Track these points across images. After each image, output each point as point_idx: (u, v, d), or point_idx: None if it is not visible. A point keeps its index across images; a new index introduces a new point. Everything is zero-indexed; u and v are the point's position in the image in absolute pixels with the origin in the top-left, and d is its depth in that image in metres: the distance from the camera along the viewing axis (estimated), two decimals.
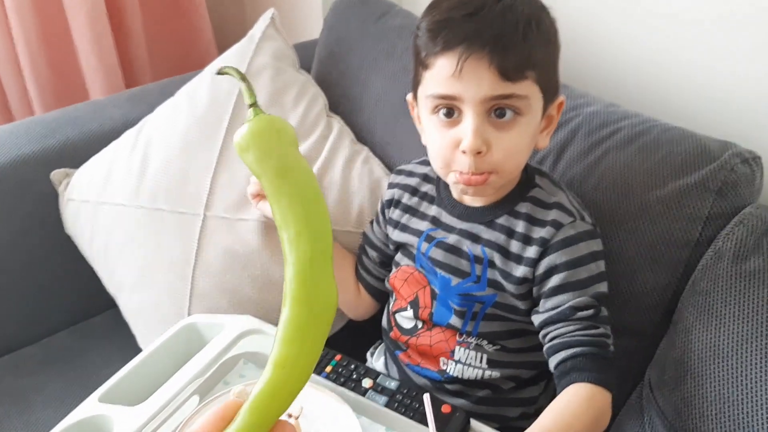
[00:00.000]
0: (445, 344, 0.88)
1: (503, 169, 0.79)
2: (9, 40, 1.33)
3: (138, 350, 1.03)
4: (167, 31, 1.55)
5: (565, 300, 0.79)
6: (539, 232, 0.81)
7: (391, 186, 0.96)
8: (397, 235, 0.92)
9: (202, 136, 1.04)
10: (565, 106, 0.99)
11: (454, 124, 0.77)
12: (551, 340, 0.79)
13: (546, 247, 0.80)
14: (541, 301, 0.81)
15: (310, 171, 0.40)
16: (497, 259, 0.83)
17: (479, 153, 0.76)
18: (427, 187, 0.92)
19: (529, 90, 0.75)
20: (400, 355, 0.93)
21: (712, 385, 0.76)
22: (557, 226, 0.81)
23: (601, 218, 0.90)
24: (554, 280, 0.80)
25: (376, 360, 1.00)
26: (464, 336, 0.87)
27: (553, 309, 0.79)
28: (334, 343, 1.02)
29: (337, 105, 1.18)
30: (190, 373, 0.81)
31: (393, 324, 0.94)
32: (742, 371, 0.74)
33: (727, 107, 1.02)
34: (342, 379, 0.79)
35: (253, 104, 0.41)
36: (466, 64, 0.73)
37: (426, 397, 0.65)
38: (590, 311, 0.78)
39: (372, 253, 0.99)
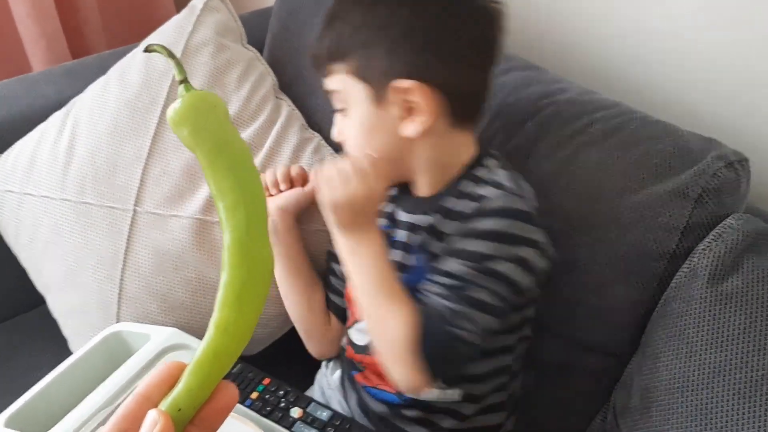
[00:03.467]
0: None
1: (351, 154, 0.78)
2: None
3: (71, 351, 0.96)
4: None
5: (449, 265, 0.71)
6: (463, 206, 0.74)
7: None
8: None
9: (132, 122, 0.94)
10: (536, 94, 0.90)
11: None
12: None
13: (464, 222, 0.73)
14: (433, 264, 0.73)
15: (245, 144, 0.41)
16: (432, 245, 0.76)
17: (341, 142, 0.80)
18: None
19: (339, 83, 0.76)
20: (356, 376, 0.85)
21: (679, 420, 0.68)
22: (480, 198, 0.73)
23: (570, 224, 0.81)
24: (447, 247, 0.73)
25: (333, 372, 0.91)
26: None
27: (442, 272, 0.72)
28: (287, 349, 0.96)
29: (290, 86, 1.07)
30: (104, 396, 0.74)
31: (347, 341, 0.86)
32: (712, 407, 0.66)
33: (715, 97, 0.92)
34: (268, 408, 0.72)
35: (184, 80, 0.41)
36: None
37: None
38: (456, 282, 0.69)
39: (338, 268, 0.89)
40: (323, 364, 0.94)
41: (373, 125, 0.75)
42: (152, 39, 1.02)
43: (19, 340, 1.07)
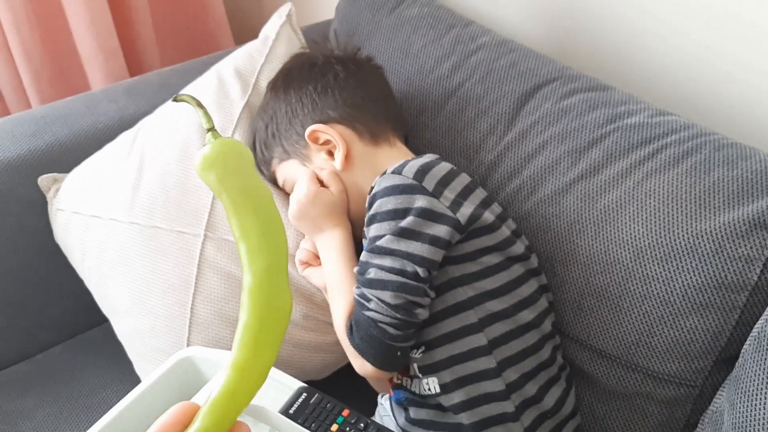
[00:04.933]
0: None
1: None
2: None
3: (136, 372, 0.97)
4: (174, 8, 1.44)
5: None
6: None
7: None
8: None
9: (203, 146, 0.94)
10: (602, 118, 0.89)
11: None
12: None
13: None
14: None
15: (269, 190, 0.43)
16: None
17: None
18: None
19: (281, 174, 0.92)
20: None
21: None
22: (371, 190, 0.80)
23: (641, 255, 0.79)
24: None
25: (382, 396, 0.92)
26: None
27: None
28: (340, 385, 0.95)
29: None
30: None
31: None
32: None
33: None
34: None
35: (211, 128, 0.43)
36: None
37: None
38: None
39: None
40: (379, 395, 0.94)
41: (305, 177, 0.87)
42: (224, 66, 1.02)
43: (84, 358, 1.08)
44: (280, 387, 0.77)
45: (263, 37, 1.03)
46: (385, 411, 0.91)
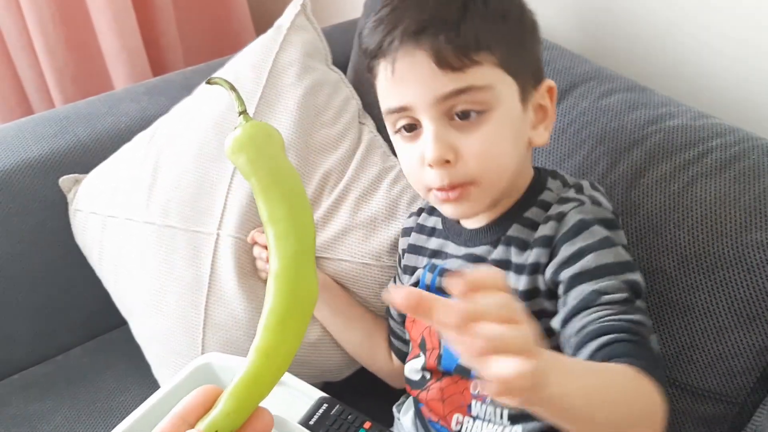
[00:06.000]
0: (460, 397, 0.75)
1: (483, 177, 0.66)
2: (21, 22, 1.22)
3: (154, 375, 0.95)
4: (198, 8, 1.42)
5: (587, 288, 0.62)
6: (540, 232, 0.67)
7: (402, 234, 0.86)
8: (411, 281, 0.81)
9: (218, 144, 0.92)
10: (643, 119, 0.84)
11: (416, 137, 0.67)
12: (573, 335, 0.61)
13: (552, 246, 0.66)
14: (560, 304, 0.65)
15: (297, 175, 0.42)
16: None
17: (447, 162, 0.65)
18: (432, 221, 0.81)
19: (489, 77, 0.64)
20: (422, 409, 0.81)
21: None
22: (559, 217, 0.67)
23: (686, 264, 0.75)
24: (569, 272, 0.64)
25: (404, 414, 0.86)
26: (478, 386, 0.73)
27: (574, 300, 0.62)
28: (355, 394, 0.93)
29: (373, 106, 1.02)
30: None
31: (405, 378, 0.82)
32: None
33: None
34: None
35: (243, 112, 0.43)
36: (398, 63, 0.63)
37: None
38: (622, 295, 0.61)
39: (394, 312, 0.87)
40: (394, 409, 0.90)
41: (518, 131, 0.67)
42: (239, 60, 1.00)
43: (103, 361, 1.06)
44: (300, 396, 0.74)
45: (277, 26, 1.00)
46: (404, 428, 0.87)
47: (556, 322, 0.65)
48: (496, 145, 0.66)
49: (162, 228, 0.91)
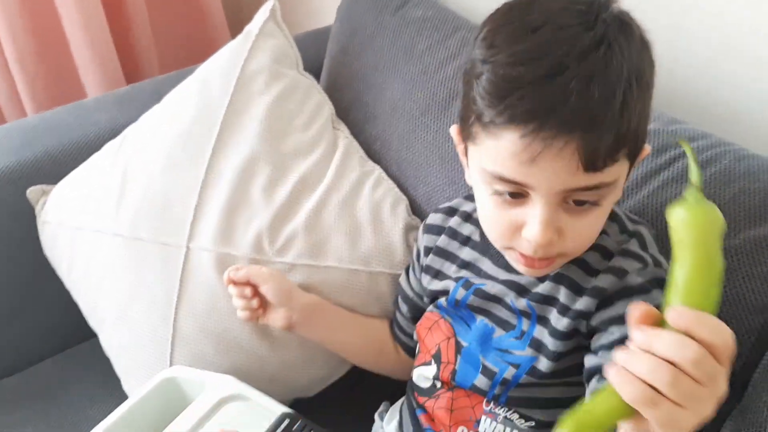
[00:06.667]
0: (470, 411, 0.74)
1: (574, 252, 0.64)
2: None
3: (123, 388, 0.94)
4: (173, 15, 1.41)
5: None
6: (595, 281, 0.66)
7: (428, 230, 0.82)
8: (434, 285, 0.79)
9: (186, 154, 0.91)
10: None
11: (516, 203, 0.61)
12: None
13: (603, 298, 0.65)
14: (600, 351, 0.64)
15: (722, 264, 0.46)
16: (545, 312, 0.69)
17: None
18: (468, 229, 0.78)
19: (618, 171, 0.59)
20: (421, 416, 0.79)
21: None
22: (620, 274, 0.65)
23: None
24: (617, 333, 0.63)
25: (388, 423, 0.85)
26: (492, 404, 0.72)
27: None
28: (335, 394, 0.92)
29: (348, 111, 1.03)
30: None
31: (411, 382, 0.81)
32: None
33: None
34: None
35: (699, 187, 0.47)
36: (542, 153, 0.56)
37: None
38: None
39: (404, 307, 0.85)
40: (377, 416, 0.89)
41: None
42: (207, 67, 0.99)
43: (71, 373, 1.04)
44: (262, 411, 0.74)
45: (246, 32, 0.99)
46: None
47: (587, 362, 0.65)
48: (599, 226, 0.64)
49: (130, 240, 0.90)
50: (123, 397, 0.92)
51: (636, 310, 0.46)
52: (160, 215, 0.89)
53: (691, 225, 0.46)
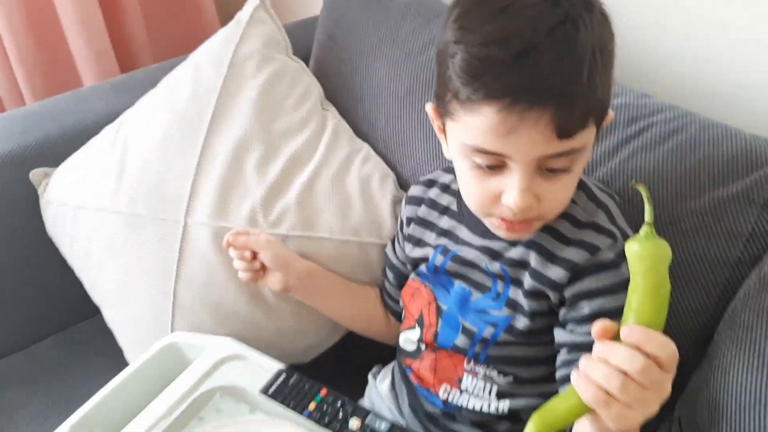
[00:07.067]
0: (452, 370, 0.79)
1: (551, 215, 0.69)
2: None
3: (125, 361, 0.97)
4: (166, 9, 1.45)
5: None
6: (566, 252, 0.70)
7: (409, 201, 0.87)
8: (415, 252, 0.84)
9: (181, 135, 0.95)
10: None
11: (495, 172, 0.65)
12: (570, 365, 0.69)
13: (575, 272, 0.69)
14: (569, 324, 0.70)
15: (669, 288, 0.54)
16: (518, 275, 0.73)
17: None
18: (446, 200, 0.83)
19: (588, 136, 0.64)
20: (411, 375, 0.84)
21: None
22: (591, 249, 0.69)
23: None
24: (586, 308, 0.69)
25: (381, 382, 0.90)
26: (472, 363, 0.77)
27: (582, 335, 0.69)
28: (329, 361, 0.96)
29: (336, 95, 1.08)
30: (163, 408, 0.75)
31: (399, 346, 0.86)
32: None
33: None
34: (326, 419, 0.71)
35: (651, 223, 0.54)
36: (518, 125, 0.60)
37: None
38: None
39: (390, 275, 0.90)
40: (370, 376, 0.94)
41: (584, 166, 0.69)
42: (200, 53, 1.03)
43: (75, 350, 1.08)
44: (261, 370, 0.77)
45: (237, 20, 1.03)
46: (379, 395, 0.90)
47: (557, 336, 0.72)
48: (572, 188, 0.68)
49: (130, 217, 0.94)
50: None
51: (597, 325, 0.54)
52: (158, 193, 0.93)
53: (642, 257, 0.53)
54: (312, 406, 0.72)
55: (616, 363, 0.51)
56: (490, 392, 0.77)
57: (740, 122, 0.81)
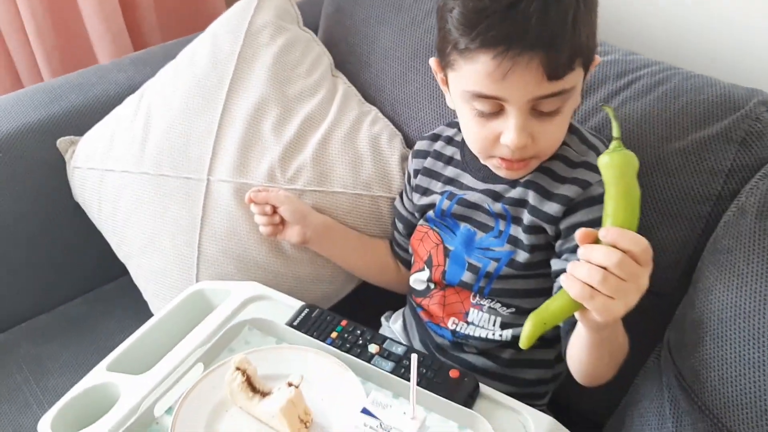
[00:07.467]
0: (459, 305, 0.86)
1: (546, 153, 0.78)
2: (14, 8, 1.31)
3: (151, 316, 1.03)
4: None
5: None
6: (561, 189, 0.78)
7: (415, 155, 0.94)
8: (423, 200, 0.91)
9: (202, 99, 1.01)
10: None
11: (494, 117, 0.74)
12: None
13: (570, 206, 0.77)
14: (564, 254, 0.78)
15: (638, 193, 0.61)
16: (518, 213, 0.81)
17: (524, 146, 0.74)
18: (450, 150, 0.90)
19: (576, 78, 0.71)
20: (421, 313, 0.91)
21: (732, 347, 0.72)
22: (584, 185, 0.77)
23: None
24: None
25: (393, 323, 0.98)
26: (477, 297, 0.84)
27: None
28: (345, 309, 1.03)
29: (345, 63, 1.14)
30: (195, 341, 0.81)
31: (410, 287, 0.93)
32: (764, 331, 0.70)
33: (756, 52, 0.95)
34: (347, 345, 0.78)
35: (618, 138, 0.61)
36: (512, 69, 0.68)
37: (413, 357, 0.63)
38: None
39: (399, 226, 0.98)
40: (383, 319, 1.00)
41: (575, 107, 0.76)
42: (217, 25, 1.10)
43: (101, 309, 1.15)
44: (285, 307, 0.84)
45: None
46: (392, 334, 0.96)
47: (553, 265, 0.79)
48: (563, 128, 0.76)
49: (156, 177, 1.00)
50: None
51: (580, 232, 0.61)
52: (182, 154, 1.00)
53: (611, 166, 0.61)
54: (334, 335, 0.79)
55: (597, 260, 0.59)
56: (494, 323, 0.84)
57: (719, 74, 0.88)
